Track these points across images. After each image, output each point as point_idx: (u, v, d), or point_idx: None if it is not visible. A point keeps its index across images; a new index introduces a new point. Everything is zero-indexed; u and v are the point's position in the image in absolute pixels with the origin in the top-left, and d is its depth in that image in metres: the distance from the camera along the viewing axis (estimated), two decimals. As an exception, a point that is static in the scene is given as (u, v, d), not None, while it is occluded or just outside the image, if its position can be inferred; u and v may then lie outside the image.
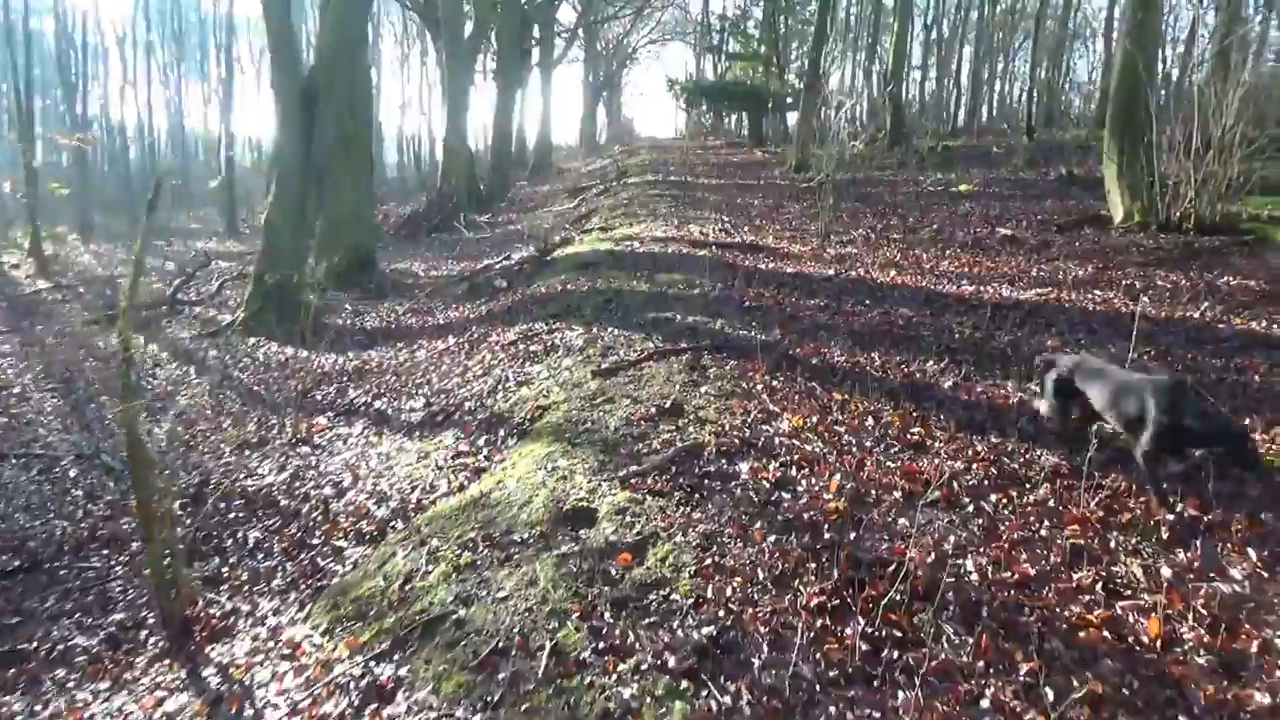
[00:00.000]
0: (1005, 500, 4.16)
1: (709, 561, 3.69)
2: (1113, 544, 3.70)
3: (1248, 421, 4.79)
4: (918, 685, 2.88)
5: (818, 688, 2.92)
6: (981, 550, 3.69)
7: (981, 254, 10.20)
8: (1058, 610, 3.24)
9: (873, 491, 4.28)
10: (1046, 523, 3.90)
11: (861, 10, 39.80)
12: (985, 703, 2.82)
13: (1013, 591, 3.38)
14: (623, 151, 34.28)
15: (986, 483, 4.34)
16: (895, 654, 3.05)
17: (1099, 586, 3.39)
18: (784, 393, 5.77)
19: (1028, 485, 4.32)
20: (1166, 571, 3.46)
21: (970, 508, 4.09)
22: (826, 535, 3.85)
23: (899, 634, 3.14)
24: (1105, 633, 3.11)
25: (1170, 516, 3.85)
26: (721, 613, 3.33)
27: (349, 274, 14.78)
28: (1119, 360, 5.53)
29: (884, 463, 4.63)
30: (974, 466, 4.52)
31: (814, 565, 3.60)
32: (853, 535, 3.86)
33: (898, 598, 3.27)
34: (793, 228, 12.99)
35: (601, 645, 3.23)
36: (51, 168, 35.63)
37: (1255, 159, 9.34)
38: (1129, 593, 3.36)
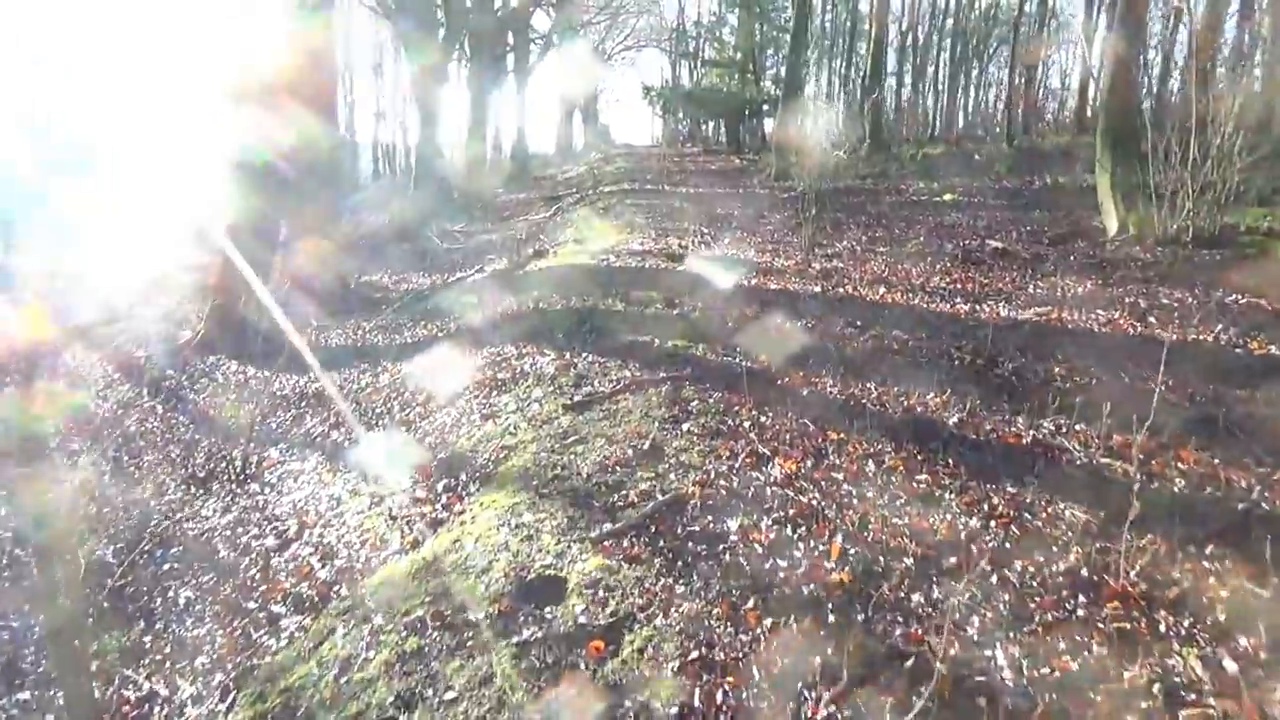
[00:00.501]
0: (1032, 568, 3.62)
1: (695, 655, 3.12)
2: (1162, 626, 3.16)
3: (1289, 467, 4.29)
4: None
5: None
6: (1012, 636, 3.15)
7: (973, 269, 9.71)
8: (1112, 722, 2.70)
9: (880, 557, 3.73)
10: (1082, 598, 3.36)
11: (837, 17, 39.53)
12: None
13: (1055, 695, 2.83)
14: (599, 159, 33.71)
15: (1009, 545, 3.80)
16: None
17: (1155, 687, 2.85)
18: (774, 431, 5.21)
19: (1055, 548, 3.78)
20: (1230, 665, 2.93)
21: (994, 577, 3.54)
22: (831, 618, 3.29)
23: (926, 758, 2.59)
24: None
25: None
26: (711, 727, 2.76)
27: (313, 288, 14.12)
28: (1141, 390, 5.03)
29: (890, 519, 4.07)
30: (992, 524, 3.98)
31: (818, 661, 3.03)
32: (861, 617, 3.30)
33: (920, 703, 2.71)
34: (775, 240, 12.46)
35: (567, 773, 2.65)
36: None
37: (1259, 168, 8.91)
38: (1191, 695, 2.82)
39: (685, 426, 5.32)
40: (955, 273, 9.59)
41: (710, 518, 4.13)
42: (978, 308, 7.92)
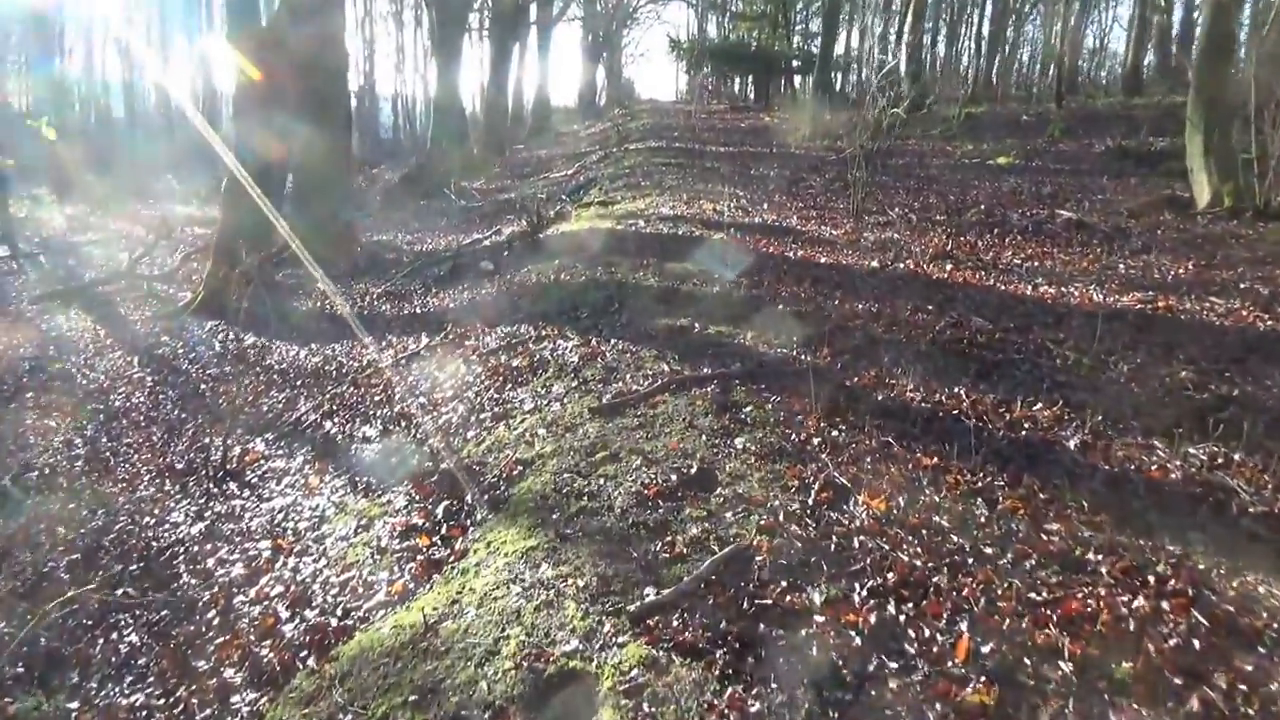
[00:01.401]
0: (1236, 679, 2.58)
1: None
2: None
3: None
4: None
5: None
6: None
7: (1048, 243, 8.53)
8: None
9: (1026, 659, 2.69)
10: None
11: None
12: None
13: None
14: (623, 115, 32.29)
15: (1196, 642, 2.75)
16: None
17: None
18: (850, 450, 4.15)
19: (1262, 645, 2.73)
20: None
21: (1193, 701, 2.51)
22: (977, 773, 2.28)
23: None
24: None
25: None
26: None
27: (321, 248, 13.07)
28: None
29: (1023, 592, 3.03)
30: (1165, 605, 2.93)
31: None
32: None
33: None
34: (818, 205, 11.29)
35: None
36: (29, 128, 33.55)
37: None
38: None
39: (739, 442, 4.28)
40: (1029, 247, 8.42)
41: (784, 582, 3.10)
42: (1065, 291, 6.78)
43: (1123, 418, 4.43)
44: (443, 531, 4.06)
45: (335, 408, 6.62)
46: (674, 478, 3.93)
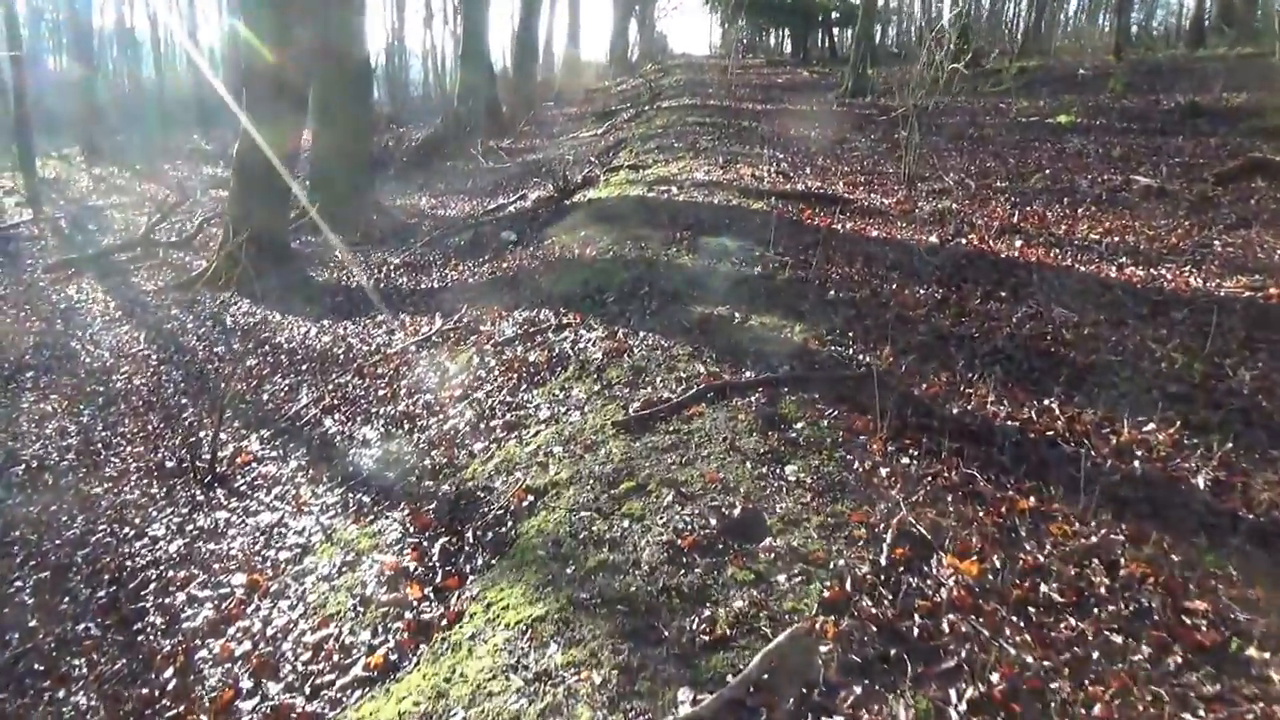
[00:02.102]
0: None
1: None
2: None
3: None
4: None
5: None
6: None
7: (1126, 214, 7.59)
8: None
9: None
10: None
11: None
12: None
13: None
14: (656, 71, 31.07)
15: None
16: None
17: None
18: (925, 485, 3.39)
19: None
20: None
21: None
22: None
23: None
24: None
25: None
26: None
27: (340, 214, 12.39)
28: None
29: (1174, 712, 2.28)
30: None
31: None
32: None
33: None
34: (865, 169, 10.36)
35: None
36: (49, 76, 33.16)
37: None
38: None
39: (790, 471, 3.53)
40: (1105, 219, 7.49)
41: (858, 687, 2.38)
42: (1156, 274, 5.90)
43: (1257, 445, 3.61)
44: (437, 580, 3.37)
45: (337, 401, 5.97)
46: (713, 521, 3.20)
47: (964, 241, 6.90)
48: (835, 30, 31.91)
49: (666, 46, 49.52)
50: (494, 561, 3.35)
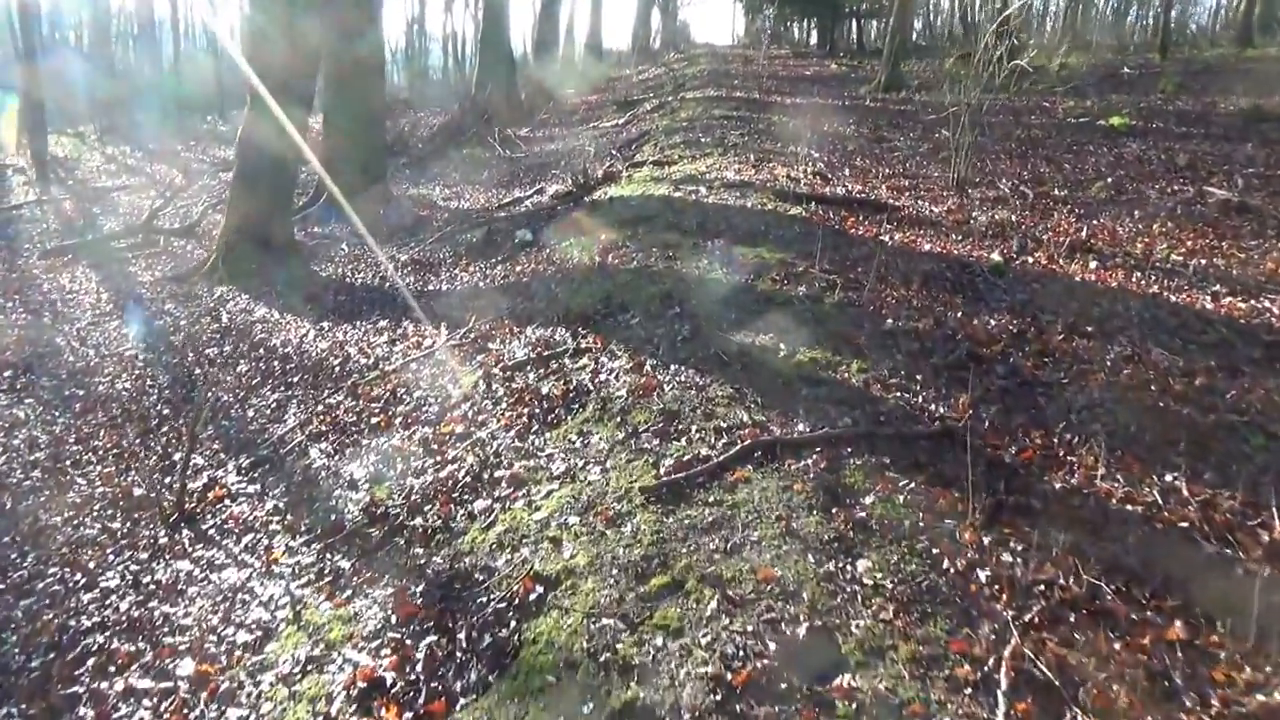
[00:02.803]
0: None
1: None
2: None
3: None
4: None
5: None
6: None
7: (1208, 231, 6.76)
8: None
9: None
10: None
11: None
12: None
13: None
14: (679, 60, 30.14)
15: None
16: None
17: None
18: (1040, 600, 2.64)
19: None
20: None
21: None
22: None
23: None
24: None
25: None
26: None
27: (351, 206, 11.67)
28: None
29: None
30: None
31: None
32: None
33: None
34: (909, 172, 9.54)
35: None
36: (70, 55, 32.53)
37: None
38: None
39: (864, 570, 2.79)
40: (1184, 237, 6.67)
41: None
42: (1260, 307, 5.10)
43: None
44: (419, 702, 2.65)
45: (326, 427, 5.25)
46: (772, 646, 2.47)
47: (1030, 260, 6.11)
48: (862, 22, 30.85)
49: (689, 36, 48.50)
50: (491, 679, 2.63)
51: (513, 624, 2.84)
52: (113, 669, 3.42)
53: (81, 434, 6.42)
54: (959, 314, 5.04)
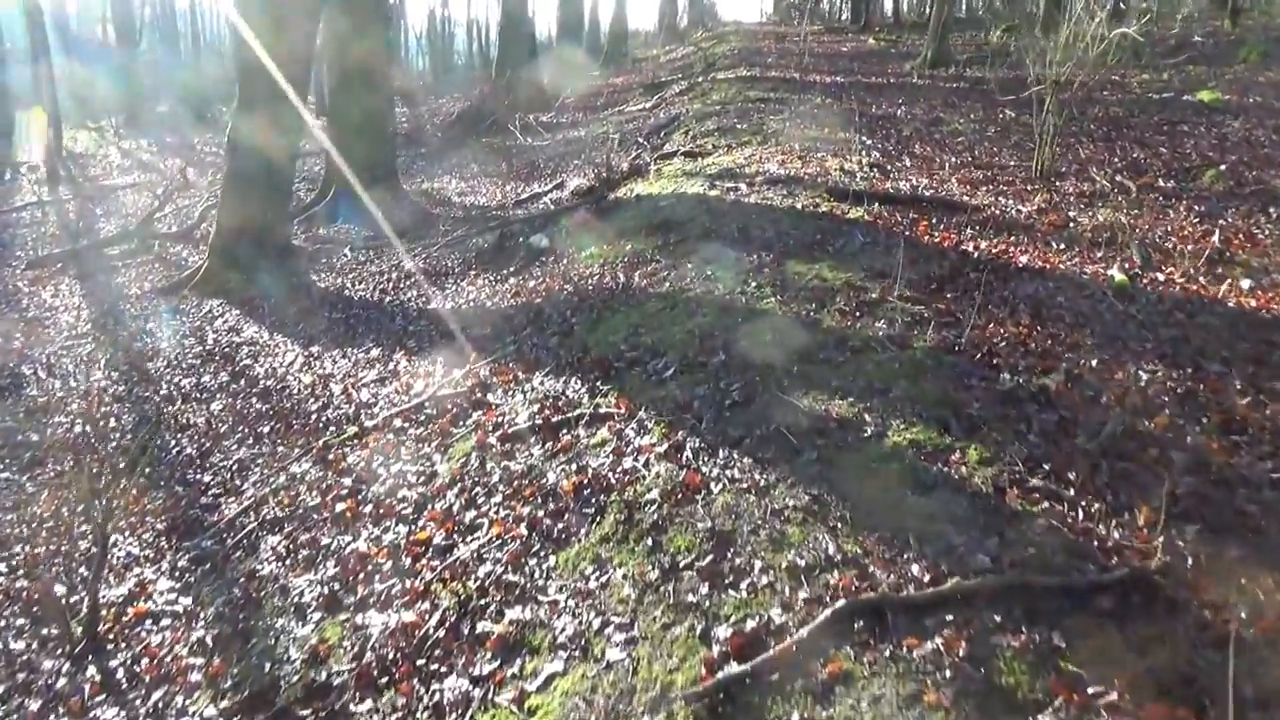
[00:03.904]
0: None
1: None
2: None
3: None
4: None
5: None
6: None
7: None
8: None
9: None
10: None
11: None
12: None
13: None
14: (707, 38, 28.59)
15: None
16: None
17: None
18: None
19: None
20: None
21: None
22: None
23: None
24: None
25: None
26: None
27: (351, 204, 10.55)
28: None
29: None
30: None
31: None
32: None
33: None
34: (978, 160, 8.17)
35: None
36: (95, 50, 31.74)
37: None
38: None
39: None
40: (1348, 243, 5.31)
41: None
42: None
43: None
44: None
45: (283, 513, 4.13)
46: None
47: (1161, 277, 4.81)
48: (898, -6, 29.12)
49: (716, 14, 46.72)
50: None
51: None
52: None
53: (20, 498, 5.39)
54: (1094, 363, 3.77)
